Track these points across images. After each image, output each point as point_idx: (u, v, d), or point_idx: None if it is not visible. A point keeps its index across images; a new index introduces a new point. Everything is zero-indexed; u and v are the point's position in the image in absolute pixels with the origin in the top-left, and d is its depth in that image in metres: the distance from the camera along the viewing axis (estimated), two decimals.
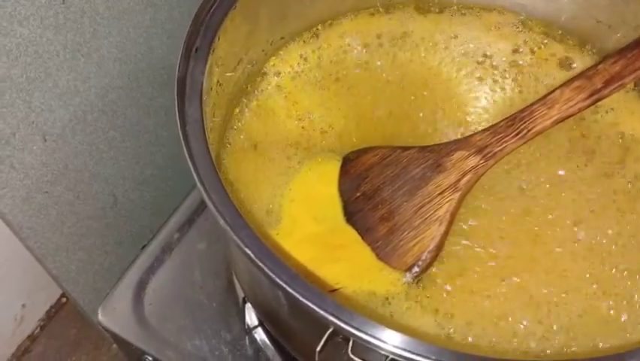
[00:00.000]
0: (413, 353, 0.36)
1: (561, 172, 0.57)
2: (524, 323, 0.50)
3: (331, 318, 0.37)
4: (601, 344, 0.49)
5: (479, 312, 0.50)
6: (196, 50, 0.51)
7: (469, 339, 0.49)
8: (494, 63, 0.64)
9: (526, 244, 0.53)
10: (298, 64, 0.62)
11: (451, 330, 0.49)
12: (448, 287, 0.51)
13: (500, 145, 0.54)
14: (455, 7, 0.66)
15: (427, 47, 0.64)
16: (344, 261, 0.51)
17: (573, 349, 0.48)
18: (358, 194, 0.54)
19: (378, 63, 0.63)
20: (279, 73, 0.62)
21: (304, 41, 0.63)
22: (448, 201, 0.52)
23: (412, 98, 0.61)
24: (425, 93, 0.62)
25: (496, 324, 0.49)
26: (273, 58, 0.62)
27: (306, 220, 0.53)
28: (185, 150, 0.45)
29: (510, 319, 0.50)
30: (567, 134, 0.59)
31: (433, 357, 0.36)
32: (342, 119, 0.60)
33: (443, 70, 0.64)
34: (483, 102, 0.62)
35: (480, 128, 0.56)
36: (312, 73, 0.62)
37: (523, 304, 0.50)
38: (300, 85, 0.62)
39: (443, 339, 0.49)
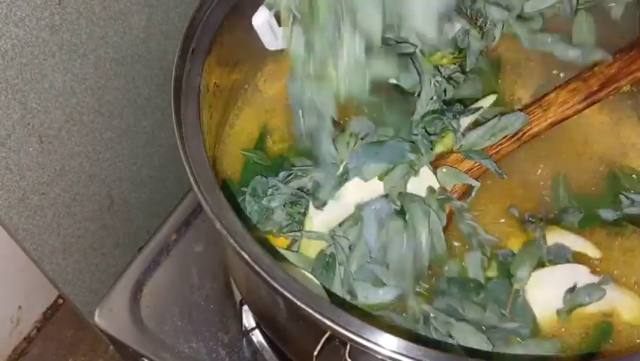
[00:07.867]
0: (410, 357, 0.36)
1: None
2: None
3: (328, 322, 0.37)
4: None
5: None
6: (192, 51, 0.51)
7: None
8: None
9: None
10: None
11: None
12: None
13: (495, 148, 0.54)
14: None
15: None
16: None
17: None
18: None
19: None
20: (276, 76, 0.62)
21: None
22: None
23: None
24: None
25: None
26: (271, 59, 0.62)
27: None
28: (181, 152, 0.45)
29: None
30: None
31: None
32: None
33: None
34: None
35: None
36: None
37: None
38: None
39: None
